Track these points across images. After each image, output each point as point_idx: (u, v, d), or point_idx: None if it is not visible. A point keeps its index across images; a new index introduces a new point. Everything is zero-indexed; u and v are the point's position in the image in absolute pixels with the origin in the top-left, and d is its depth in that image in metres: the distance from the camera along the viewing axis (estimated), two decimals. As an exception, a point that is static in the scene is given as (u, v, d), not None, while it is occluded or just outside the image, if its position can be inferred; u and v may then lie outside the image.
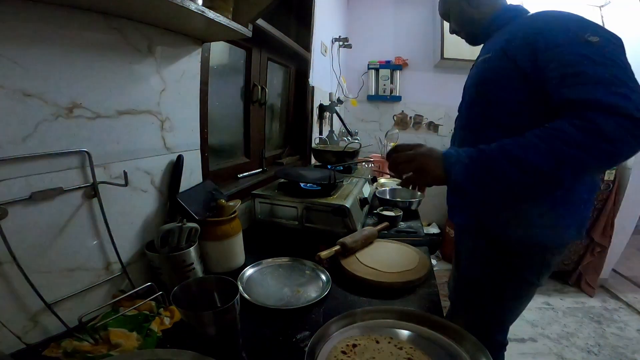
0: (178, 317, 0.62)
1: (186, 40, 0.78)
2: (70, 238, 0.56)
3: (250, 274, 0.79)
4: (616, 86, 0.57)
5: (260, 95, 1.36)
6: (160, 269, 0.69)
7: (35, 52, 0.48)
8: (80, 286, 0.58)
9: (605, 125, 0.55)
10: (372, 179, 1.49)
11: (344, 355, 0.51)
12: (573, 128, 0.57)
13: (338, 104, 2.17)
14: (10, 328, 0.49)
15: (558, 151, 0.57)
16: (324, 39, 2.09)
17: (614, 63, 0.59)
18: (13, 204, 0.47)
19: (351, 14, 2.91)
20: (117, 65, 0.62)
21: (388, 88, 2.94)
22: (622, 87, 0.57)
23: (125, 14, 0.60)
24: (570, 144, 0.56)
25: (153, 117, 0.71)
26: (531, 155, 0.58)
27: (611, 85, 0.57)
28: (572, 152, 0.56)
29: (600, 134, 0.55)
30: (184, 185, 0.80)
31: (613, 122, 0.55)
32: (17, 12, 0.46)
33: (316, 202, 0.99)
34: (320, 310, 0.67)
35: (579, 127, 0.57)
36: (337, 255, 0.84)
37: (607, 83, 0.57)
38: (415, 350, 0.53)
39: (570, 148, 0.56)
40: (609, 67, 0.59)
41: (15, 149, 0.47)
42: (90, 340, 0.52)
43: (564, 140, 0.57)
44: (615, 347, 1.74)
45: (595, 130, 0.55)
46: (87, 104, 0.57)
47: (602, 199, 2.17)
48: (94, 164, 0.58)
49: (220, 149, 1.18)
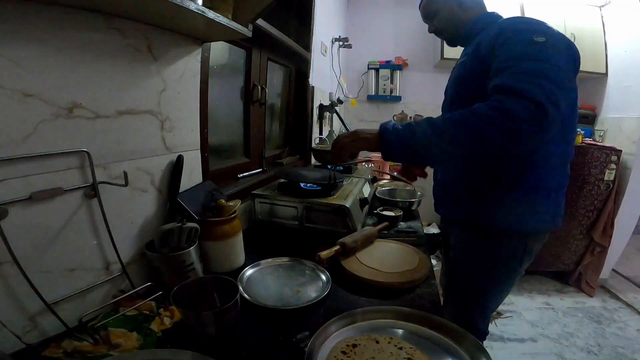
0: (178, 317, 0.62)
1: (186, 40, 0.78)
2: (70, 238, 0.56)
3: (250, 274, 0.79)
4: (537, 77, 0.64)
5: (260, 95, 1.36)
6: (160, 269, 0.69)
7: (35, 52, 0.48)
8: (80, 286, 0.58)
9: (511, 106, 0.63)
10: (372, 179, 1.49)
11: (344, 356, 0.51)
12: (486, 106, 0.66)
13: (338, 104, 2.17)
14: (10, 328, 0.49)
15: (470, 123, 0.65)
16: (324, 39, 2.09)
17: (547, 60, 0.67)
18: (13, 204, 0.47)
19: (351, 14, 2.91)
20: (117, 65, 0.62)
21: (388, 88, 2.94)
22: (542, 79, 0.64)
23: (125, 14, 0.60)
24: (481, 118, 0.65)
25: (153, 117, 0.71)
26: (449, 124, 0.67)
27: (533, 76, 0.65)
28: (480, 124, 0.64)
29: (506, 112, 0.63)
30: (184, 185, 0.80)
31: (520, 104, 0.62)
32: (17, 12, 0.46)
33: (316, 202, 0.99)
34: (320, 310, 0.67)
35: (491, 106, 0.65)
36: (337, 255, 0.84)
37: (531, 74, 0.65)
38: (415, 350, 0.53)
39: (479, 120, 0.64)
40: (540, 62, 0.67)
41: (15, 149, 0.47)
42: (90, 340, 0.52)
43: (476, 114, 0.65)
44: (615, 347, 1.74)
45: (502, 109, 0.63)
46: (87, 104, 0.57)
47: (602, 199, 2.17)
48: (94, 164, 0.57)
49: (220, 149, 1.18)
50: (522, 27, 0.75)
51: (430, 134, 0.67)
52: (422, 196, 1.38)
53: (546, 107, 0.62)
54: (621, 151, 2.11)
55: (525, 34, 0.72)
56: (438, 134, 0.67)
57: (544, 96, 0.62)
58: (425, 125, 0.69)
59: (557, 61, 0.68)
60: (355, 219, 0.99)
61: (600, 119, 2.43)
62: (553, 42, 0.70)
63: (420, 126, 0.69)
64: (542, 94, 0.62)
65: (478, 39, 0.84)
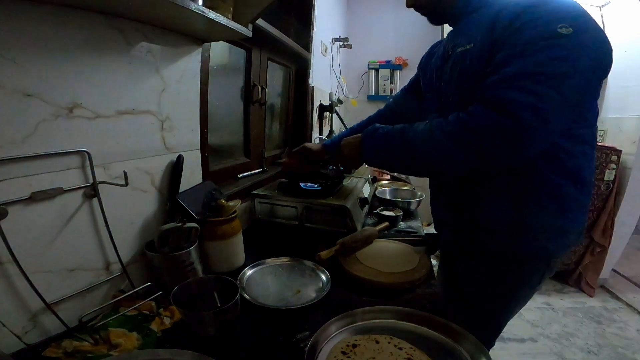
0: (178, 317, 0.62)
1: (186, 40, 0.78)
2: (70, 238, 0.56)
3: (250, 274, 0.79)
4: (536, 83, 0.54)
5: (260, 95, 1.36)
6: (160, 269, 0.69)
7: (35, 52, 0.48)
8: (80, 286, 0.58)
9: (481, 120, 0.57)
10: (372, 179, 1.49)
11: (344, 356, 0.51)
12: (455, 118, 0.60)
13: (338, 104, 2.17)
14: (10, 328, 0.49)
15: (435, 138, 0.62)
16: (324, 39, 2.09)
17: (564, 59, 0.54)
18: (13, 204, 0.47)
19: (351, 14, 2.91)
20: (117, 65, 0.62)
21: (388, 88, 2.94)
22: (541, 85, 0.53)
23: (125, 14, 0.60)
24: (446, 133, 0.60)
25: (153, 117, 0.71)
26: (418, 139, 0.65)
27: (530, 81, 0.54)
28: (443, 140, 0.61)
29: (473, 128, 0.57)
30: (184, 185, 0.80)
31: (492, 119, 0.56)
32: (17, 12, 0.46)
33: (316, 202, 0.99)
34: (320, 310, 0.67)
35: (460, 119, 0.59)
36: (337, 255, 0.84)
37: (529, 78, 0.54)
38: (415, 350, 0.53)
39: (443, 136, 0.60)
40: (553, 63, 0.54)
41: (15, 149, 0.47)
42: (90, 340, 0.52)
43: (443, 129, 0.61)
44: (615, 347, 1.74)
45: (470, 124, 0.58)
46: (87, 104, 0.57)
47: (602, 199, 2.17)
48: (94, 164, 0.57)
49: (220, 149, 1.18)
50: (549, 10, 0.58)
51: (403, 148, 0.66)
52: (422, 196, 1.38)
53: (526, 124, 0.53)
54: (621, 151, 2.11)
55: (549, 22, 0.56)
56: (409, 148, 0.65)
57: (529, 109, 0.53)
58: (399, 137, 0.67)
59: (577, 61, 0.54)
60: (355, 219, 0.99)
61: (600, 119, 2.43)
62: (581, 36, 0.55)
63: (396, 137, 0.68)
64: (529, 105, 0.53)
65: (485, 23, 0.66)
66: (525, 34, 0.58)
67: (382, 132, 0.71)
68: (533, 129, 0.54)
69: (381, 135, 0.71)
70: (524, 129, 0.54)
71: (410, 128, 0.67)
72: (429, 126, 0.64)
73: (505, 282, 0.78)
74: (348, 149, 0.80)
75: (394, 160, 0.71)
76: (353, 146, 0.78)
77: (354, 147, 0.77)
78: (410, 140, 0.66)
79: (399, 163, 0.71)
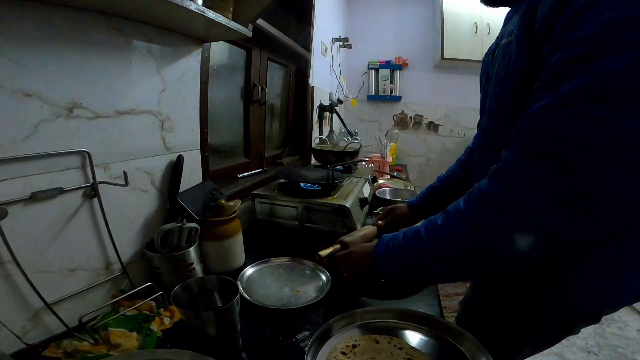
0: (178, 317, 0.62)
1: (186, 40, 0.78)
2: (70, 238, 0.56)
3: (250, 274, 0.79)
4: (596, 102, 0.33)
5: (260, 95, 1.36)
6: (160, 269, 0.69)
7: (35, 52, 0.48)
8: (80, 286, 0.58)
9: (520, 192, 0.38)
10: (372, 179, 1.49)
11: (344, 356, 0.51)
12: (475, 193, 0.44)
13: (338, 104, 2.17)
14: (10, 328, 0.49)
15: (463, 236, 0.45)
16: (324, 39, 2.09)
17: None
18: (13, 204, 0.47)
19: (351, 14, 2.91)
20: (117, 65, 0.62)
21: (388, 88, 2.94)
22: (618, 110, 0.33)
23: (125, 14, 0.60)
24: (474, 224, 0.43)
25: (153, 117, 0.71)
26: (439, 242, 0.48)
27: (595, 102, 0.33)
28: (466, 231, 0.44)
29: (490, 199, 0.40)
30: (184, 185, 0.80)
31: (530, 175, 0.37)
32: (17, 12, 0.46)
33: (316, 202, 0.99)
34: (320, 310, 0.67)
35: (479, 192, 0.43)
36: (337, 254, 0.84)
37: (593, 95, 0.34)
38: (415, 351, 0.53)
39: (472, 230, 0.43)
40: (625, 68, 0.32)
41: (15, 149, 0.47)
42: (90, 340, 0.52)
43: (464, 215, 0.44)
44: (615, 347, 1.74)
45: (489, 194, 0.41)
46: (87, 104, 0.57)
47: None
48: (94, 164, 0.58)
49: (220, 149, 1.18)
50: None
51: (421, 260, 0.51)
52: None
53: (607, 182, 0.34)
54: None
55: (619, 5, 0.33)
56: (431, 257, 0.50)
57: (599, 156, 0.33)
58: (413, 248, 0.52)
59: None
60: (355, 219, 0.99)
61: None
62: None
63: (409, 249, 0.53)
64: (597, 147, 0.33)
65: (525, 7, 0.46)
66: (591, 20, 0.34)
67: (392, 247, 0.56)
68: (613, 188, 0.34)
69: (393, 252, 0.56)
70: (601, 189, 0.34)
71: (423, 229, 0.51)
72: (448, 223, 0.48)
73: (552, 332, 0.63)
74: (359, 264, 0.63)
75: (422, 277, 0.55)
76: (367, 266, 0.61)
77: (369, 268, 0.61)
78: (428, 249, 0.49)
79: (431, 278, 0.56)
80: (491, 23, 2.50)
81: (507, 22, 0.59)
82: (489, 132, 0.63)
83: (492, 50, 0.65)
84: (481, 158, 0.67)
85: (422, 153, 3.11)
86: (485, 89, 0.66)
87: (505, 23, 0.61)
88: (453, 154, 3.06)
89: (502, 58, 0.54)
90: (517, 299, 0.63)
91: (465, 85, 2.84)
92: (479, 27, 2.52)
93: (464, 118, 2.91)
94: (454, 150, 3.04)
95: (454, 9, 2.53)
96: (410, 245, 0.53)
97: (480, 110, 0.70)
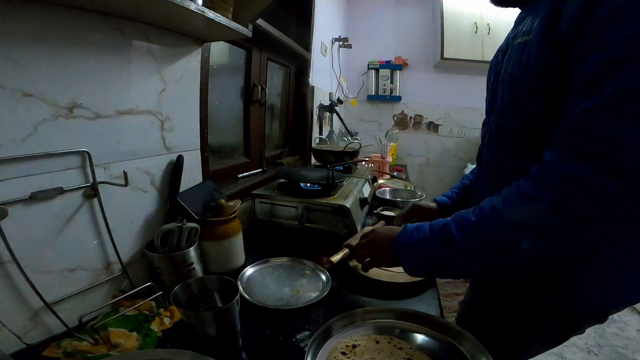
0: (178, 317, 0.62)
1: (186, 40, 0.78)
2: (70, 238, 0.56)
3: (250, 274, 0.79)
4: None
5: (260, 95, 1.36)
6: (160, 269, 0.69)
7: (35, 52, 0.48)
8: (80, 286, 0.58)
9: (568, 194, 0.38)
10: (372, 179, 1.49)
11: (344, 356, 0.51)
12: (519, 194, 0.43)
13: (338, 104, 2.17)
14: (10, 328, 0.49)
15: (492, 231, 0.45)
16: (324, 39, 2.09)
17: None
18: (13, 204, 0.47)
19: (351, 14, 2.91)
20: (117, 65, 0.62)
21: (388, 88, 2.94)
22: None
23: (125, 14, 0.60)
24: (513, 225, 0.43)
25: (153, 117, 0.71)
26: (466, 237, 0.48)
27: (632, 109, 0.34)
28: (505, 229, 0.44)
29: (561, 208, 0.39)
30: (184, 185, 0.80)
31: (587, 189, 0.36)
32: (17, 12, 0.46)
33: (316, 202, 0.99)
34: (320, 310, 0.67)
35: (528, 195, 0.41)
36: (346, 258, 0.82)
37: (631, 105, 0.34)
38: (415, 351, 0.53)
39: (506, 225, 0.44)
40: None
41: (15, 149, 0.47)
42: (90, 340, 0.52)
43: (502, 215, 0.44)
44: (615, 347, 1.74)
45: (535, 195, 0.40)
46: (87, 104, 0.57)
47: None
48: (94, 164, 0.58)
49: (220, 149, 1.18)
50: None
51: (448, 255, 0.50)
52: (422, 196, 1.38)
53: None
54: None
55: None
56: (461, 254, 0.49)
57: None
58: (441, 242, 0.51)
59: None
60: (356, 219, 0.99)
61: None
62: None
63: (437, 243, 0.52)
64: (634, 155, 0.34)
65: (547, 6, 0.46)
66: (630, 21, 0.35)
67: (417, 238, 0.55)
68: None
69: (417, 244, 0.54)
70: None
71: (453, 224, 0.51)
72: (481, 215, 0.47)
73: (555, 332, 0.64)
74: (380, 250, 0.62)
75: (445, 272, 0.55)
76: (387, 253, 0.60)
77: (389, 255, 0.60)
78: (458, 245, 0.49)
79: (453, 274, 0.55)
80: (491, 23, 2.50)
81: (520, 22, 0.59)
82: (500, 129, 0.62)
83: (502, 50, 0.65)
84: (492, 156, 0.66)
85: (422, 153, 3.11)
86: (494, 88, 0.66)
87: (517, 23, 0.61)
88: (453, 154, 3.06)
89: (518, 57, 0.54)
90: (517, 299, 0.63)
91: (465, 85, 2.84)
92: (479, 27, 2.52)
93: (464, 118, 2.91)
94: (454, 150, 3.04)
95: (454, 9, 2.53)
96: (439, 239, 0.51)
97: (488, 109, 0.70)
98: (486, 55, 2.54)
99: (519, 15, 0.63)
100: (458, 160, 3.04)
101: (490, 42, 2.51)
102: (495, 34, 2.50)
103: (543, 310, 0.60)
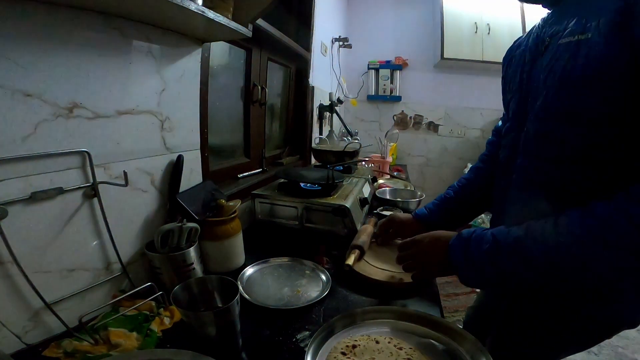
0: (178, 317, 0.62)
1: (186, 40, 0.78)
2: (70, 238, 0.56)
3: (250, 274, 0.79)
4: None
5: (260, 95, 1.36)
6: (160, 269, 0.69)
7: (35, 52, 0.48)
8: (80, 286, 0.58)
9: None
10: (372, 179, 1.49)
11: (344, 356, 0.51)
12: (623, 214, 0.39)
13: (338, 104, 2.17)
14: (10, 328, 0.49)
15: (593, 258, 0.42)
16: (324, 39, 2.09)
17: None
18: (13, 204, 0.47)
19: (351, 14, 2.92)
20: (117, 65, 0.62)
21: (388, 88, 2.94)
22: None
23: (125, 14, 0.60)
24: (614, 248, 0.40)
25: (153, 117, 0.71)
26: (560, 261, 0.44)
27: None
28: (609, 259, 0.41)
29: None
30: (184, 185, 0.80)
31: None
32: (17, 12, 0.46)
33: (316, 202, 0.99)
34: (320, 310, 0.67)
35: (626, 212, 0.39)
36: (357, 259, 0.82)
37: None
38: (415, 351, 0.53)
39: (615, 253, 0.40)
40: None
41: (15, 149, 0.47)
42: (90, 340, 0.52)
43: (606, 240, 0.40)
44: (615, 347, 1.74)
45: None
46: (87, 104, 0.57)
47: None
48: (94, 164, 0.57)
49: (220, 149, 1.18)
50: None
51: (525, 272, 0.47)
52: (422, 196, 1.38)
53: None
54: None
55: None
56: (539, 273, 0.46)
57: None
58: (519, 259, 0.48)
59: None
60: (356, 219, 0.99)
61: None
62: None
63: (508, 258, 0.48)
64: None
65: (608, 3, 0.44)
66: None
67: (480, 250, 0.52)
68: None
69: (482, 257, 0.51)
70: None
71: (527, 238, 0.48)
72: (571, 233, 0.44)
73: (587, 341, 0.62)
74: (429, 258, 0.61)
75: (509, 287, 0.53)
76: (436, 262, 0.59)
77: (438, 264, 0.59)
78: (539, 263, 0.46)
79: (518, 289, 0.53)
80: (491, 23, 2.50)
81: (558, 21, 0.54)
82: (544, 136, 0.56)
83: (530, 49, 0.60)
84: (532, 164, 0.59)
85: (422, 153, 3.11)
86: (525, 90, 0.61)
87: (554, 22, 0.56)
88: (453, 154, 3.06)
89: (571, 57, 0.49)
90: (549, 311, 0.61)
91: (465, 85, 2.85)
92: (479, 27, 2.52)
93: (464, 118, 2.91)
94: (454, 150, 3.05)
95: (454, 9, 2.53)
96: (512, 255, 0.48)
97: (516, 113, 0.64)
98: (486, 55, 2.54)
99: (552, 14, 0.58)
100: (458, 160, 3.04)
101: (490, 42, 2.51)
102: (495, 34, 2.50)
103: (579, 321, 0.59)
